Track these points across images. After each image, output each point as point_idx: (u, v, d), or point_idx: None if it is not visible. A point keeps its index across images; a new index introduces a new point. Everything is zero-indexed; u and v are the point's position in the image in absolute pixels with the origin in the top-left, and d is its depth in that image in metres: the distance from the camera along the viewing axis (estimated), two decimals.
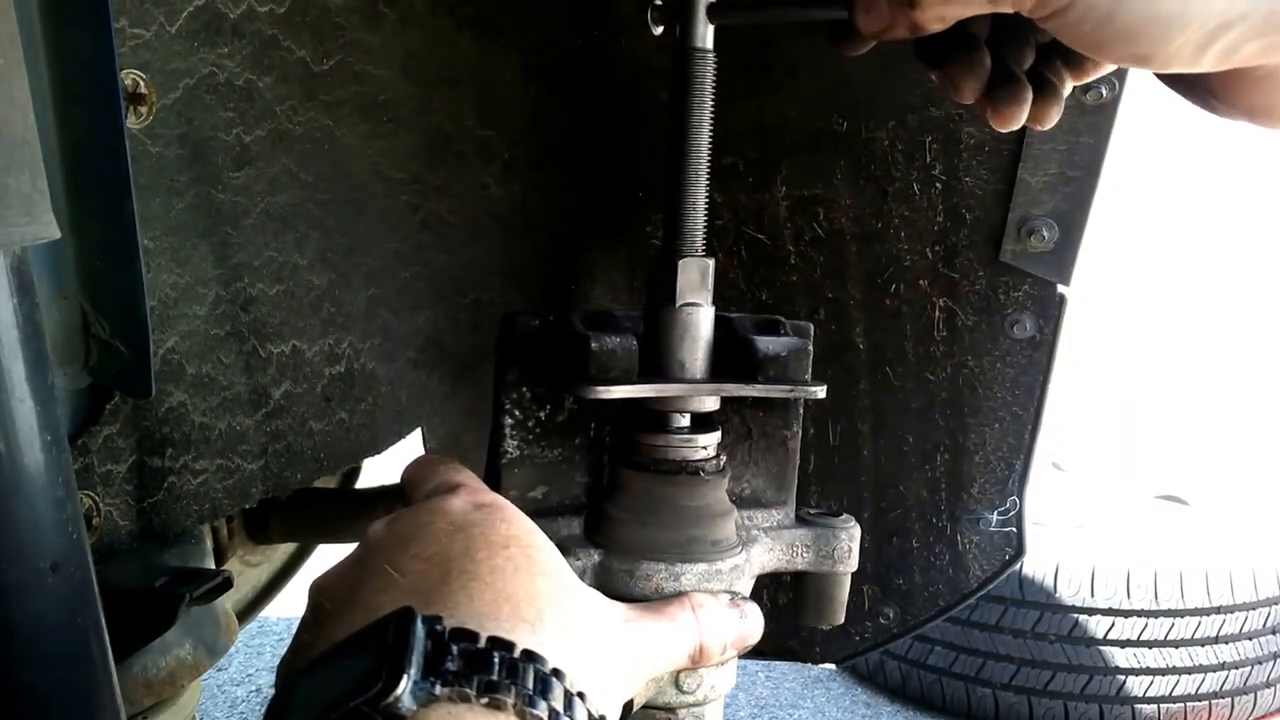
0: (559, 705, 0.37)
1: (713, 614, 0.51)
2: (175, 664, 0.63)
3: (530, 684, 0.37)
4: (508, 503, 0.50)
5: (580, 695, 0.39)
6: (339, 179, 0.67)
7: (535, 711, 0.36)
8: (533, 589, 0.42)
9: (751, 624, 0.53)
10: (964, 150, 0.78)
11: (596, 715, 0.39)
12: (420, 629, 0.36)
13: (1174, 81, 0.47)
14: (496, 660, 0.37)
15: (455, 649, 0.36)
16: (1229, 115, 0.45)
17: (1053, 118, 0.51)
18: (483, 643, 0.37)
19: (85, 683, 0.40)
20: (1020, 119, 0.51)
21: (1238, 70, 0.41)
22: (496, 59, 0.79)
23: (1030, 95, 0.50)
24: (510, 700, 0.36)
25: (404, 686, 0.34)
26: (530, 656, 0.38)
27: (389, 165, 0.72)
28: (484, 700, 0.35)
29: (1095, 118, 0.74)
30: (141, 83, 0.52)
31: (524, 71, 0.82)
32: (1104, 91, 0.73)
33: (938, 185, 0.80)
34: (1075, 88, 0.74)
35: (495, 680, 0.36)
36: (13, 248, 0.37)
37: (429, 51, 0.73)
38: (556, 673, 0.38)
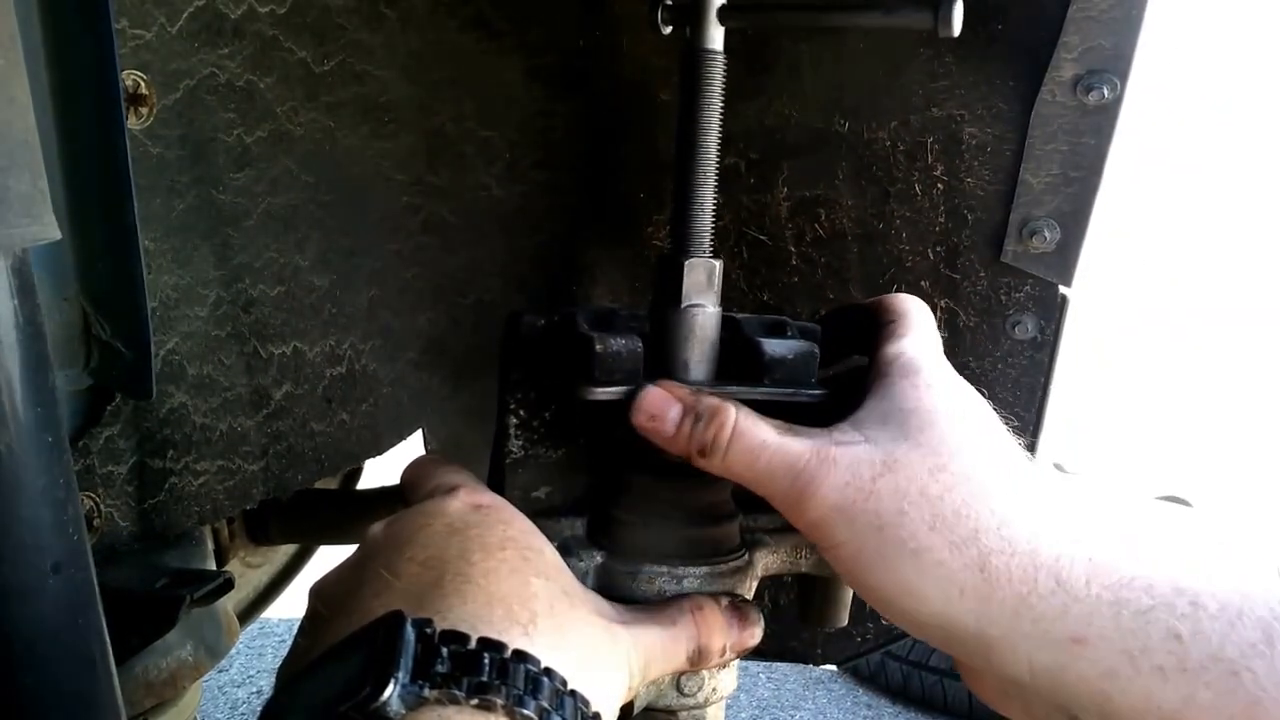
0: (550, 705, 0.37)
1: (712, 616, 0.51)
2: (176, 665, 0.63)
3: (521, 684, 0.36)
4: (506, 503, 0.50)
5: (573, 695, 0.39)
6: (340, 180, 0.67)
7: (525, 711, 0.36)
8: (527, 590, 0.42)
9: (751, 627, 0.52)
10: (966, 151, 0.78)
11: (589, 715, 0.39)
12: (410, 632, 0.36)
13: None
14: (487, 661, 0.36)
15: (445, 651, 0.36)
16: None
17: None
18: (473, 644, 0.37)
19: (86, 684, 0.40)
20: None
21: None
22: (498, 60, 0.79)
23: None
24: (500, 701, 0.35)
25: (392, 690, 0.34)
26: (521, 657, 0.38)
27: (390, 166, 0.72)
28: (473, 701, 0.35)
29: (1097, 118, 0.73)
30: (142, 83, 0.53)
31: (525, 72, 0.82)
32: (1106, 93, 0.72)
33: (939, 186, 0.80)
34: (1077, 89, 0.74)
35: (485, 681, 0.36)
36: (13, 249, 0.37)
37: (430, 52, 0.73)
38: (549, 673, 0.38)
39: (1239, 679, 0.38)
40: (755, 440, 0.49)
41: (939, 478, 0.46)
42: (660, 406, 0.51)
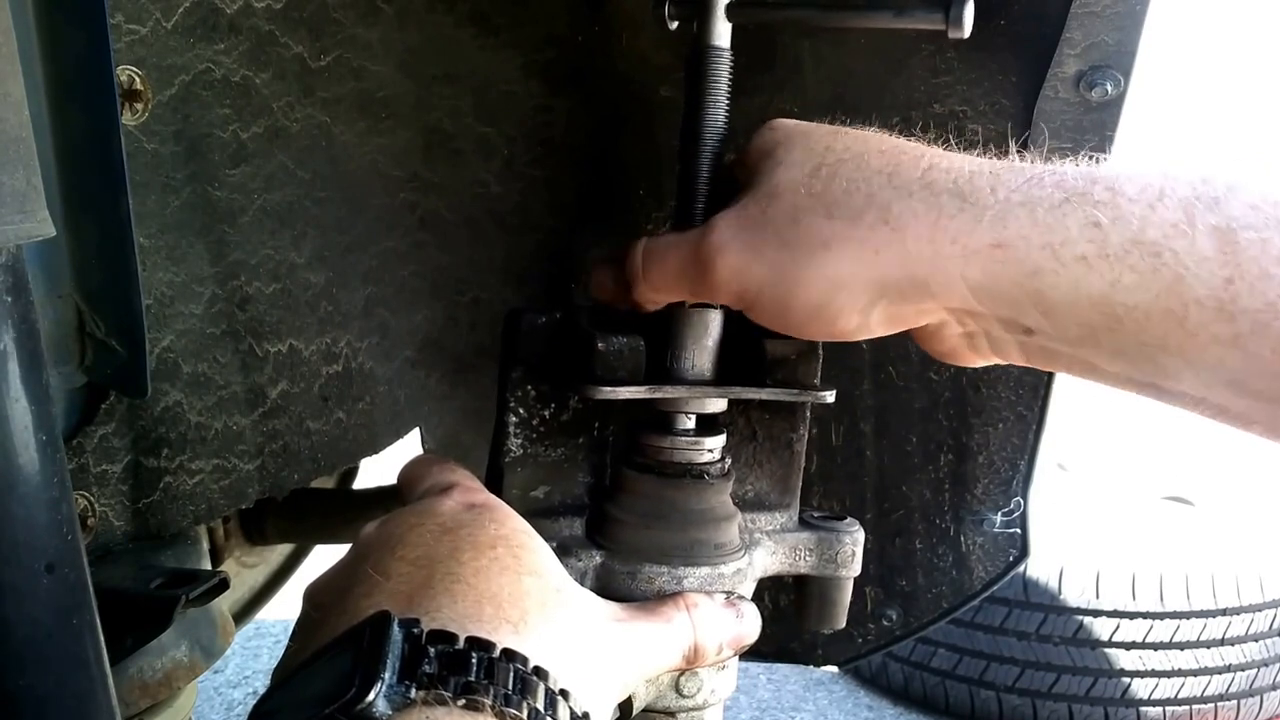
0: (540, 705, 0.36)
1: (708, 613, 0.50)
2: (171, 666, 0.63)
3: (510, 684, 0.36)
4: (500, 503, 0.49)
5: (563, 694, 0.38)
6: (336, 176, 0.67)
7: (514, 711, 0.35)
8: (518, 589, 0.42)
9: (748, 624, 0.52)
10: (969, 147, 0.78)
11: (580, 714, 0.39)
12: (397, 632, 0.36)
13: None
14: (475, 661, 0.36)
15: (433, 651, 0.36)
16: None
17: None
18: (461, 644, 0.37)
19: (81, 685, 0.39)
20: None
21: (918, 329, 0.49)
22: (495, 55, 0.79)
23: None
24: (488, 701, 0.35)
25: (378, 691, 0.34)
26: (510, 656, 0.37)
27: (387, 162, 0.71)
28: (461, 702, 0.35)
29: (1100, 115, 0.73)
30: (137, 79, 0.52)
31: (523, 68, 0.81)
32: (1109, 89, 0.72)
33: None
34: (1080, 85, 0.73)
35: (473, 681, 0.35)
36: (7, 245, 0.37)
37: (427, 47, 0.73)
38: (538, 671, 0.38)
39: (1161, 259, 0.39)
40: (660, 247, 0.51)
41: (818, 175, 0.47)
42: (604, 277, 0.55)
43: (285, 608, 1.04)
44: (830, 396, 0.56)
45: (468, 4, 0.75)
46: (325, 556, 0.68)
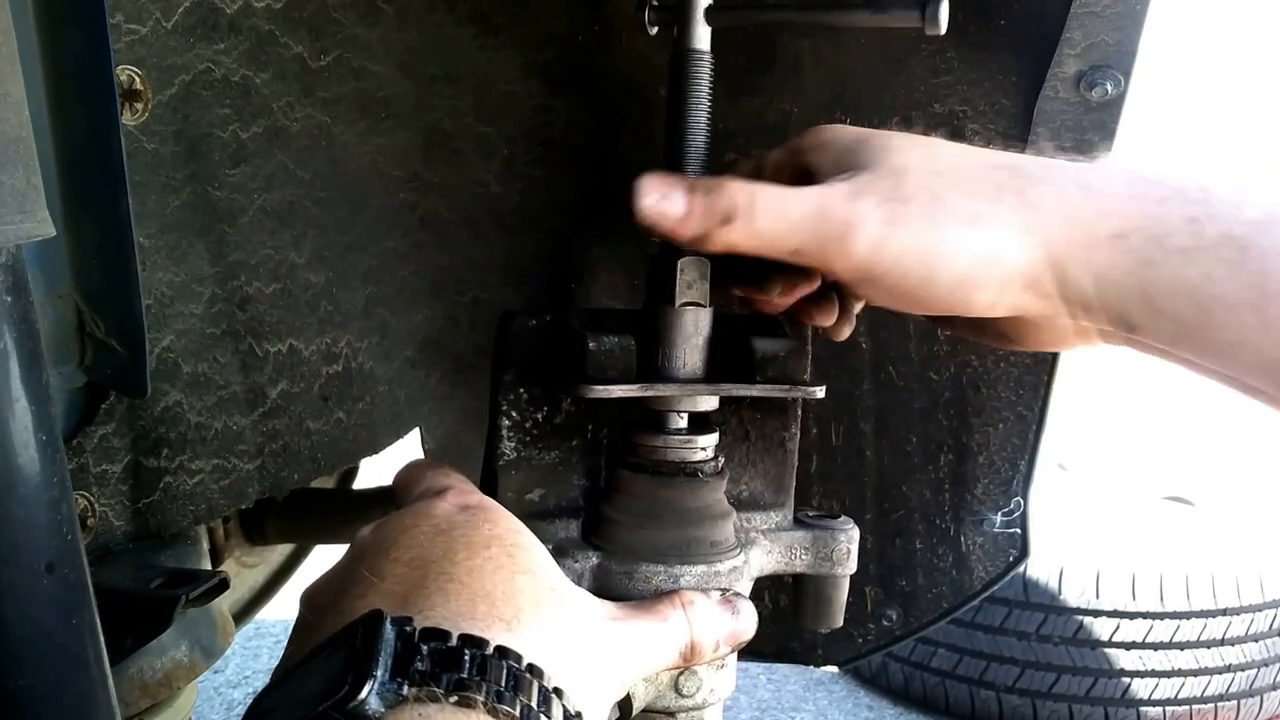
0: (533, 702, 0.37)
1: (704, 611, 0.50)
2: (171, 666, 0.63)
3: (502, 681, 0.36)
4: (495, 504, 0.49)
5: (557, 692, 0.38)
6: (336, 176, 0.67)
7: (506, 708, 0.35)
8: (511, 587, 0.42)
9: (744, 621, 0.52)
10: None
11: (574, 712, 0.39)
12: (389, 630, 0.36)
13: (966, 328, 0.57)
14: (467, 658, 0.36)
15: (425, 648, 0.36)
16: (1007, 347, 0.56)
17: (844, 333, 0.60)
18: (454, 641, 0.37)
19: (81, 685, 0.39)
20: (826, 323, 0.58)
21: (1029, 321, 0.51)
22: (495, 55, 0.79)
23: (835, 308, 0.58)
24: (480, 698, 0.35)
25: (370, 688, 0.34)
26: (503, 653, 0.37)
27: (387, 162, 0.71)
28: (453, 699, 0.35)
29: (1100, 115, 0.73)
30: (137, 79, 0.52)
31: (523, 68, 0.81)
32: (1109, 89, 0.72)
33: None
34: (1080, 85, 0.73)
35: (465, 678, 0.35)
36: (7, 245, 0.37)
37: (427, 47, 0.73)
38: (532, 669, 0.38)
39: (1247, 254, 0.42)
40: (773, 194, 0.48)
41: (936, 159, 0.48)
42: (665, 184, 0.49)
43: (285, 608, 1.04)
44: (820, 392, 0.56)
45: (468, 4, 0.75)
46: (325, 557, 0.68)
